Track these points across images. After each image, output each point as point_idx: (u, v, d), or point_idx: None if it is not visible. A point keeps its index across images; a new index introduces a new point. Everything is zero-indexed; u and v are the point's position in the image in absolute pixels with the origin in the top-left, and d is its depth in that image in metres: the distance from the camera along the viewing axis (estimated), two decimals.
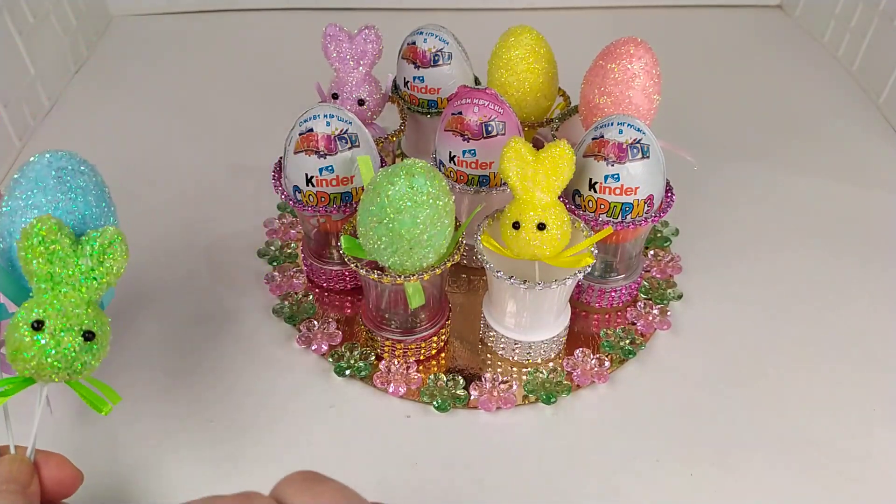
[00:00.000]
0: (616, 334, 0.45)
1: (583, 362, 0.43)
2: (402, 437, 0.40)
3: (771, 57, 0.78)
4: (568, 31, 0.81)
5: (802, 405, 0.42)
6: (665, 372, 0.44)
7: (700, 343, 0.46)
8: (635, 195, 0.41)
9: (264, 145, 0.48)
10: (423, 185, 0.35)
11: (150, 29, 0.81)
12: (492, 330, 0.44)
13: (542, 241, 0.39)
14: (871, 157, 0.64)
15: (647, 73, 0.44)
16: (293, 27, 0.82)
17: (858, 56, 0.73)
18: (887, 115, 0.68)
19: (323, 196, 0.43)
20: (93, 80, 0.72)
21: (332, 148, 0.42)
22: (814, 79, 0.74)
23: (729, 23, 0.85)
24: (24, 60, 0.64)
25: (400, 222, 0.36)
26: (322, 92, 0.51)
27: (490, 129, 0.43)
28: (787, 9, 0.87)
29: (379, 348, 0.44)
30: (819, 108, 0.70)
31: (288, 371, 0.44)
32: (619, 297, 0.47)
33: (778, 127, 0.67)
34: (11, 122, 0.61)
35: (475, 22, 0.81)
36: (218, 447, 0.39)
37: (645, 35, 0.45)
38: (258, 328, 0.46)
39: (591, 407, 0.42)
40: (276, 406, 0.42)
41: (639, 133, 0.41)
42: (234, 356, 0.44)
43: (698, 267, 0.51)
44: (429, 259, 0.38)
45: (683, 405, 0.42)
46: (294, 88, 0.69)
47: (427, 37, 0.51)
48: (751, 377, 0.44)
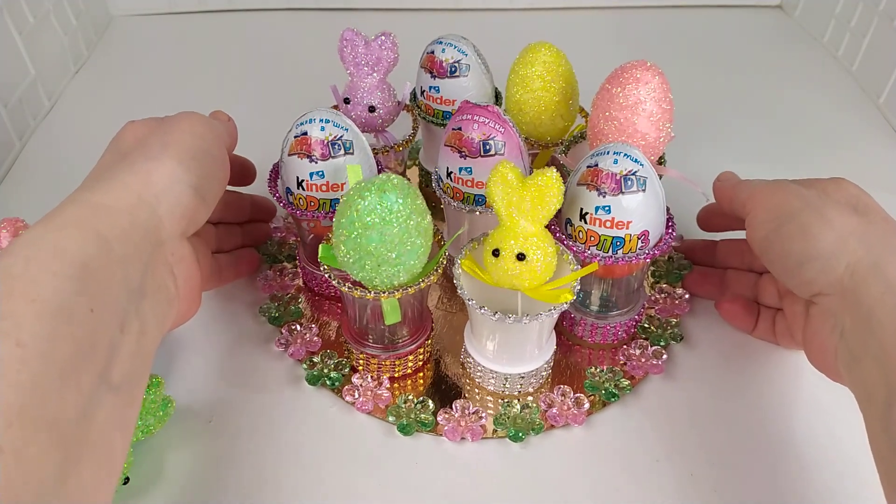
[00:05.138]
0: (602, 374, 0.43)
1: (561, 400, 0.41)
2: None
3: (771, 57, 0.78)
4: (568, 31, 0.81)
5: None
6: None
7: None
8: (627, 229, 0.39)
9: (265, 145, 0.48)
10: (393, 203, 0.34)
11: (150, 29, 0.81)
12: (470, 356, 0.42)
13: (521, 271, 0.37)
14: (871, 157, 0.63)
15: (655, 99, 0.41)
16: (293, 27, 0.82)
17: (858, 56, 0.73)
18: (887, 115, 0.68)
19: (312, 201, 0.43)
20: (93, 80, 0.72)
21: (325, 153, 0.42)
22: (814, 79, 0.74)
23: (729, 23, 0.84)
24: (24, 60, 0.64)
25: (368, 238, 0.35)
26: (337, 94, 0.50)
27: (489, 147, 0.42)
28: (787, 9, 0.86)
29: (354, 361, 0.43)
30: (819, 108, 0.69)
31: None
32: (613, 334, 0.45)
33: (778, 127, 0.67)
34: (11, 122, 0.61)
35: (492, 28, 0.81)
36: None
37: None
38: (241, 325, 0.46)
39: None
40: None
41: (635, 164, 0.38)
42: (211, 351, 0.45)
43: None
44: (399, 277, 0.37)
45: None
46: (295, 88, 0.70)
47: (446, 47, 0.50)
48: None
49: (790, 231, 0.37)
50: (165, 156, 0.35)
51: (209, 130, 0.39)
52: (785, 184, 0.40)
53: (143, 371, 0.32)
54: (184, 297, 0.36)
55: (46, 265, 0.28)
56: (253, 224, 0.51)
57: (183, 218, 0.35)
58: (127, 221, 0.32)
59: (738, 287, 0.47)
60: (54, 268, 0.28)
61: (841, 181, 0.39)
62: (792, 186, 0.39)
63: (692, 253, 0.50)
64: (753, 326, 0.45)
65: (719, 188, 0.44)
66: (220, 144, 0.40)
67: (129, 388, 0.30)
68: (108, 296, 0.30)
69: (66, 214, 0.31)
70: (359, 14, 0.82)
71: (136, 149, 0.36)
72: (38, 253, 0.29)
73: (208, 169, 0.38)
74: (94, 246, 0.30)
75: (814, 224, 0.36)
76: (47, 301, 0.27)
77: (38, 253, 0.29)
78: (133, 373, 0.30)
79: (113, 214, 0.32)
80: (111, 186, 0.33)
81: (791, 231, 0.37)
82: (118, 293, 0.30)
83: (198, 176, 0.36)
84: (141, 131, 0.38)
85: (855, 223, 0.36)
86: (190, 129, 0.38)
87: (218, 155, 0.39)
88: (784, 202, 0.38)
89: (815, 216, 0.36)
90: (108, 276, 0.30)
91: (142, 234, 0.33)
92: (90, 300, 0.28)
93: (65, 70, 0.72)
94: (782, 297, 0.43)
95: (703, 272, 0.49)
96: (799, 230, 0.36)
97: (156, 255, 0.34)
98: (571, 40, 0.82)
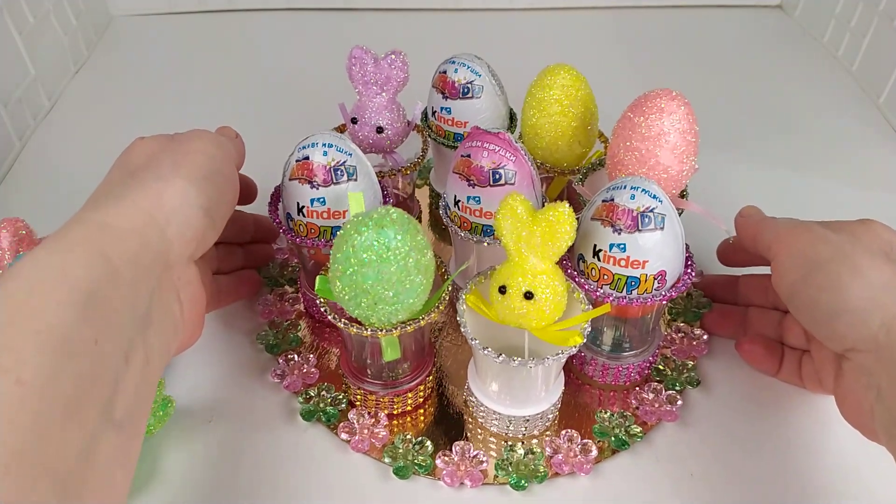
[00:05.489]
0: (612, 418, 0.41)
1: (567, 447, 0.39)
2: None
3: (771, 57, 0.77)
4: (568, 31, 0.81)
5: None
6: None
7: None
8: (643, 269, 0.37)
9: (265, 146, 0.46)
10: (391, 240, 0.32)
11: (150, 29, 0.81)
12: (473, 395, 0.40)
13: (528, 310, 0.35)
14: (871, 157, 0.63)
15: (680, 131, 0.39)
16: (294, 27, 0.81)
17: (858, 56, 0.72)
18: (887, 115, 0.67)
19: (313, 228, 0.41)
20: (93, 80, 0.72)
21: (326, 179, 0.40)
22: (814, 79, 0.73)
23: (729, 23, 0.84)
24: (24, 60, 0.63)
25: (363, 276, 0.33)
26: (345, 112, 0.49)
27: (498, 176, 0.40)
28: (787, 9, 0.86)
29: (352, 395, 0.41)
30: (819, 108, 0.69)
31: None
32: (625, 375, 0.42)
33: (778, 127, 0.66)
34: (11, 122, 0.61)
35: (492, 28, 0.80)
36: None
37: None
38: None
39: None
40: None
41: (654, 201, 0.36)
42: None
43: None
44: (398, 316, 0.35)
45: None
46: (295, 89, 0.70)
47: (459, 67, 0.48)
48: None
49: (819, 281, 0.34)
50: (177, 176, 0.34)
51: (220, 150, 0.38)
52: (812, 227, 0.37)
53: (146, 404, 0.31)
54: (188, 322, 0.35)
55: (50, 292, 0.27)
56: (255, 245, 0.49)
57: (192, 240, 0.34)
58: (136, 243, 0.31)
59: (761, 326, 0.44)
60: (59, 295, 0.27)
61: (871, 224, 0.37)
62: (820, 230, 0.36)
63: (712, 289, 0.48)
64: (777, 369, 0.42)
65: (742, 224, 0.41)
66: (231, 165, 0.39)
67: (132, 423, 0.29)
68: (114, 325, 0.29)
69: (73, 235, 0.30)
70: (359, 14, 0.81)
71: (146, 167, 0.35)
72: (42, 278, 0.27)
73: (219, 190, 0.36)
74: (101, 270, 0.29)
75: (844, 275, 0.33)
76: (50, 333, 0.26)
77: (42, 278, 0.27)
78: (136, 407, 0.29)
79: (122, 236, 0.31)
80: (120, 206, 0.32)
81: (820, 281, 0.34)
82: (124, 321, 0.29)
83: (209, 197, 0.35)
84: (151, 148, 0.37)
85: (889, 274, 0.33)
86: (202, 149, 0.37)
87: (229, 176, 0.38)
88: (812, 248, 0.35)
89: (845, 266, 0.34)
90: (115, 303, 0.29)
91: (151, 258, 0.32)
92: (95, 330, 0.27)
93: (65, 70, 0.72)
94: (809, 339, 0.41)
95: (723, 311, 0.46)
96: (828, 281, 0.34)
97: (163, 280, 0.33)
98: (571, 40, 0.80)
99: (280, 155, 0.42)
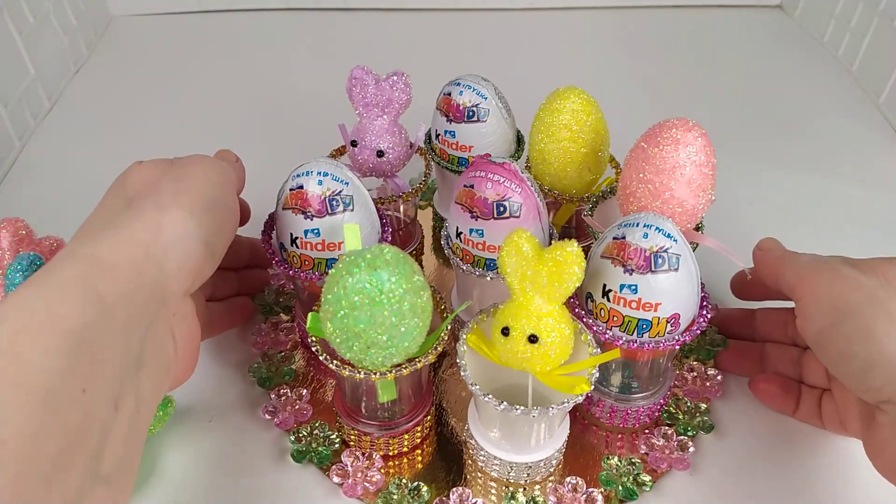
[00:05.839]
0: (620, 466, 0.38)
1: (571, 497, 0.37)
2: None
3: (771, 57, 0.77)
4: (568, 31, 0.79)
5: None
6: None
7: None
8: (655, 312, 0.34)
9: (265, 146, 0.45)
10: (385, 282, 0.30)
11: (150, 29, 0.81)
12: (473, 437, 0.38)
13: (532, 354, 0.33)
14: (871, 157, 0.62)
15: (696, 164, 0.37)
16: (294, 27, 0.81)
17: (858, 56, 0.72)
18: (887, 115, 0.67)
19: (306, 259, 0.39)
20: (93, 80, 0.72)
21: (321, 210, 0.38)
22: (814, 79, 0.73)
23: (729, 23, 0.83)
24: (24, 60, 0.63)
25: (355, 319, 0.31)
26: (346, 134, 0.47)
27: (503, 209, 0.38)
28: (787, 9, 0.86)
29: (346, 435, 0.39)
30: (819, 108, 0.69)
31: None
32: (634, 418, 0.40)
33: (778, 127, 0.66)
34: (11, 122, 0.61)
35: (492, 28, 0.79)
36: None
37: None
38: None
39: None
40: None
41: (668, 240, 0.34)
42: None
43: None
44: (392, 359, 0.33)
45: None
46: (295, 88, 0.70)
47: (464, 89, 0.45)
48: None
49: (850, 332, 0.32)
50: (177, 206, 0.32)
51: (223, 178, 0.36)
52: (839, 268, 0.34)
53: (135, 454, 0.29)
54: (181, 359, 0.33)
55: (36, 338, 0.25)
56: (249, 270, 0.47)
57: (190, 274, 0.33)
58: (132, 279, 0.29)
59: (780, 364, 0.42)
60: (45, 341, 0.25)
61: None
62: (848, 272, 0.34)
63: (728, 324, 0.45)
64: (795, 408, 0.40)
65: (762, 259, 0.39)
66: (234, 193, 0.37)
67: (120, 477, 0.27)
68: (104, 371, 0.27)
69: (64, 272, 0.28)
70: (358, 14, 0.80)
71: (145, 194, 0.33)
72: (27, 322, 0.26)
73: (220, 221, 0.35)
74: (94, 311, 0.27)
75: (879, 323, 0.31)
76: (34, 385, 0.24)
77: (27, 322, 0.26)
78: (124, 459, 0.27)
79: (116, 271, 0.29)
80: (116, 237, 0.30)
81: (851, 332, 0.32)
82: (115, 366, 0.27)
83: (209, 229, 0.33)
84: (149, 174, 0.35)
85: None
86: (204, 176, 0.35)
87: (231, 206, 0.36)
88: (841, 294, 0.33)
89: (878, 313, 0.31)
90: (106, 346, 0.27)
91: (147, 295, 0.30)
92: (83, 379, 0.25)
93: (65, 70, 0.71)
94: (831, 378, 0.38)
95: (739, 348, 0.44)
96: (861, 331, 0.31)
97: (158, 317, 0.31)
98: (571, 40, 0.78)
99: (280, 154, 0.40)
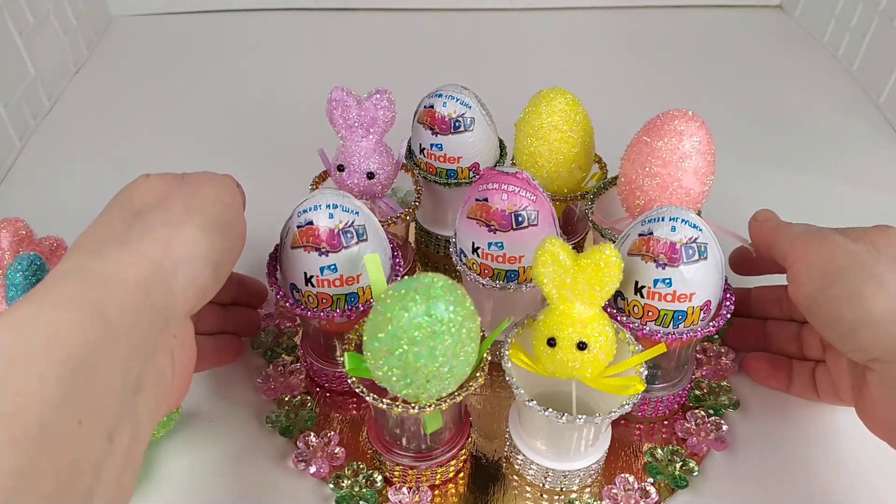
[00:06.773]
0: (664, 455, 0.39)
1: (625, 494, 0.37)
2: None
3: (771, 57, 0.77)
4: (568, 31, 0.80)
5: None
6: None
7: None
8: (690, 302, 0.35)
9: (265, 147, 0.43)
10: (443, 313, 0.29)
11: (150, 29, 0.80)
12: (520, 453, 0.37)
13: (582, 362, 0.33)
14: (871, 157, 0.63)
15: (700, 152, 0.38)
16: (294, 27, 0.80)
17: (858, 56, 0.72)
18: (887, 115, 0.67)
19: (324, 297, 0.37)
20: (93, 80, 0.71)
21: (335, 244, 0.36)
22: (814, 78, 0.73)
23: (729, 23, 0.84)
24: (24, 60, 0.63)
25: (416, 355, 0.30)
26: (326, 160, 0.45)
27: (521, 219, 0.37)
28: (787, 9, 0.86)
29: (388, 472, 0.38)
30: (819, 108, 0.69)
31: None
32: (665, 406, 0.41)
33: (778, 127, 0.66)
34: (11, 122, 0.60)
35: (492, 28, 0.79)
36: None
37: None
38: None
39: None
40: None
41: (695, 230, 0.34)
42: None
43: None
44: (448, 389, 0.32)
45: None
46: (295, 88, 0.69)
47: (447, 100, 0.45)
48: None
49: (839, 294, 0.33)
50: (190, 224, 0.31)
51: (233, 199, 0.35)
52: (829, 235, 0.36)
53: (129, 489, 0.27)
54: (176, 385, 0.31)
55: (33, 364, 0.23)
56: (236, 307, 0.44)
57: (196, 295, 0.31)
58: (139, 299, 0.27)
59: (781, 340, 0.43)
60: (42, 366, 0.23)
61: (889, 230, 0.36)
62: (838, 239, 0.35)
63: None
64: (788, 383, 0.42)
65: (757, 229, 0.40)
66: (242, 216, 0.36)
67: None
68: (102, 399, 0.25)
69: (68, 289, 0.26)
70: (357, 14, 0.79)
71: (153, 209, 0.31)
72: (25, 343, 0.23)
73: (229, 243, 0.33)
74: (97, 334, 0.25)
75: (865, 286, 0.33)
76: (28, 418, 0.22)
77: (25, 343, 0.23)
78: (117, 494, 0.25)
79: (124, 290, 0.27)
80: (124, 252, 0.28)
81: (840, 294, 0.33)
82: (114, 394, 0.25)
83: (218, 251, 0.32)
84: (158, 188, 0.33)
85: None
86: (216, 196, 0.33)
87: (239, 229, 0.35)
88: (830, 258, 0.34)
89: (865, 276, 0.33)
90: (106, 373, 0.25)
91: (153, 317, 0.28)
92: (80, 409, 0.23)
93: (65, 70, 0.71)
94: (826, 349, 0.40)
95: (741, 325, 0.45)
96: (848, 293, 0.33)
97: (160, 340, 0.29)
98: (571, 40, 0.79)
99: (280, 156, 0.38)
